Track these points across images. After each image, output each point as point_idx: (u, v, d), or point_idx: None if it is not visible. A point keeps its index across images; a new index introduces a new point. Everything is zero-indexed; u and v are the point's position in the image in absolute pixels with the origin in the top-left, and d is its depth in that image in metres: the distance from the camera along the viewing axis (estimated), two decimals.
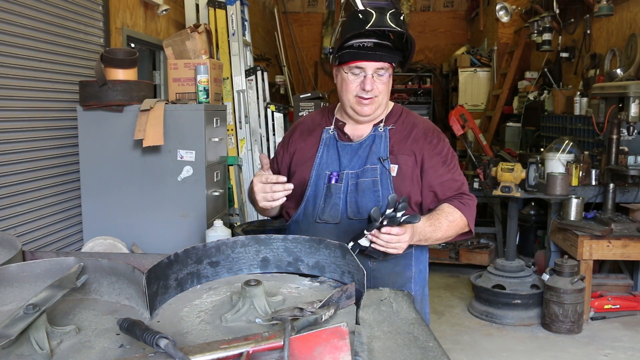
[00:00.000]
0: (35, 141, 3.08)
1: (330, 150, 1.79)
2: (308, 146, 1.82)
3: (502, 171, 4.20)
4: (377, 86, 1.69)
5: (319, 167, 1.77)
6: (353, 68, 1.68)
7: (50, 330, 0.98)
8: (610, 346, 3.66)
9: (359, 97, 1.70)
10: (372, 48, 1.64)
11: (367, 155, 1.74)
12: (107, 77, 3.07)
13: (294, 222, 1.82)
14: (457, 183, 1.79)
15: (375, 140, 1.76)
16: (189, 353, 0.84)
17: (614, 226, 3.92)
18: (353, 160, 1.75)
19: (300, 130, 1.89)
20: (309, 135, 1.85)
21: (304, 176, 1.78)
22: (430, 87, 9.92)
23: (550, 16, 5.83)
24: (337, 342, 0.85)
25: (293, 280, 1.26)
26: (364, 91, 1.69)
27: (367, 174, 1.73)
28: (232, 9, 4.78)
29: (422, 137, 1.78)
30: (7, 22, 2.80)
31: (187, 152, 3.14)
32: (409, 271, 1.81)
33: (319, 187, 1.76)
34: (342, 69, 1.70)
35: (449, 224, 1.71)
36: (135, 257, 1.44)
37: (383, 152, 1.74)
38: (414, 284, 1.82)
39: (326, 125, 1.83)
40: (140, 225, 3.18)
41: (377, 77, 1.68)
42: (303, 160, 1.81)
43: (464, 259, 5.26)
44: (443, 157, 1.78)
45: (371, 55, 1.65)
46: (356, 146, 1.77)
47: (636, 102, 3.81)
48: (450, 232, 1.72)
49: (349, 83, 1.70)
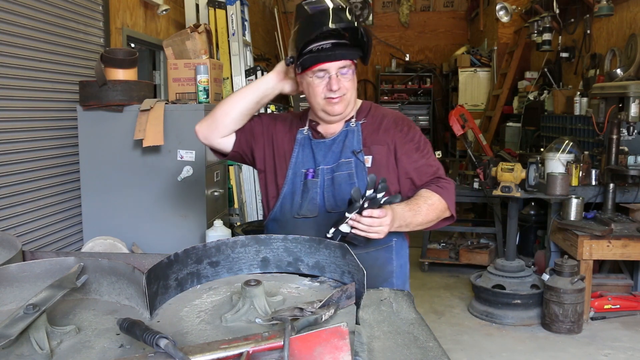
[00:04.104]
0: (35, 141, 3.08)
1: (305, 149, 1.82)
2: (285, 141, 1.85)
3: (502, 171, 4.20)
4: (343, 84, 1.71)
5: (295, 166, 1.81)
6: (317, 71, 1.70)
7: (50, 330, 0.98)
8: (610, 346, 3.66)
9: (328, 98, 1.72)
10: (331, 49, 1.65)
11: (341, 150, 1.78)
12: (107, 77, 3.07)
13: (272, 220, 1.84)
14: (432, 168, 1.81)
15: (348, 135, 1.80)
16: (189, 353, 0.84)
17: (614, 226, 3.92)
18: (327, 156, 1.79)
19: (282, 122, 1.91)
20: (287, 131, 1.87)
21: (280, 175, 1.82)
22: (430, 87, 9.92)
23: (550, 16, 5.83)
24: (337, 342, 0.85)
25: (293, 280, 1.26)
26: (331, 91, 1.71)
27: (342, 167, 1.76)
28: (232, 9, 4.78)
29: (392, 126, 1.82)
30: (7, 22, 2.80)
31: (187, 152, 3.13)
32: (390, 265, 1.84)
33: (295, 184, 1.79)
34: (306, 74, 1.72)
35: (429, 207, 1.73)
36: (135, 257, 1.44)
37: (356, 145, 1.78)
38: (396, 278, 1.85)
39: (301, 127, 1.86)
40: (140, 225, 3.18)
41: (341, 75, 1.71)
42: (279, 154, 1.84)
43: (464, 259, 5.26)
44: (416, 143, 1.82)
45: (331, 56, 1.66)
46: (329, 142, 1.80)
47: (636, 102, 3.81)
48: (430, 216, 1.74)
49: (315, 87, 1.72)
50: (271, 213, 1.84)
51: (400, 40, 10.25)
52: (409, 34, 10.24)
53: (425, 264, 5.35)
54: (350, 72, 1.72)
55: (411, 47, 10.24)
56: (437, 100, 10.08)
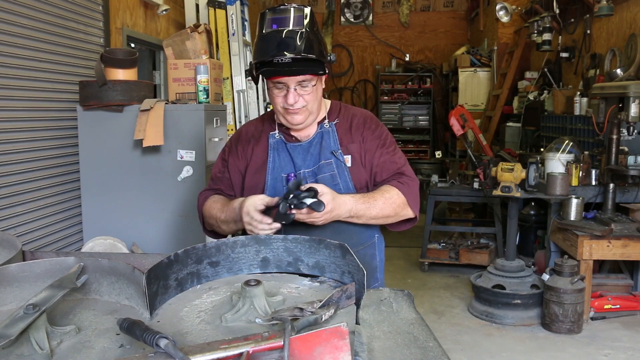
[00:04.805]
0: (35, 141, 3.08)
1: (281, 153, 1.80)
2: (257, 153, 1.83)
3: (502, 171, 4.20)
4: (303, 97, 1.69)
5: (274, 171, 1.78)
6: (276, 83, 1.68)
7: (50, 330, 0.98)
8: (610, 346, 3.66)
9: (286, 108, 1.71)
10: (291, 64, 1.61)
11: (319, 152, 1.77)
12: (107, 77, 3.07)
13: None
14: (395, 165, 1.81)
15: (324, 136, 1.79)
16: (189, 353, 0.84)
17: (614, 226, 3.92)
18: (307, 159, 1.78)
19: (245, 138, 1.88)
20: (256, 142, 1.85)
21: (258, 183, 1.79)
22: (430, 87, 9.91)
23: (550, 16, 5.83)
24: (337, 342, 0.85)
25: (293, 280, 1.26)
26: (289, 104, 1.69)
27: (324, 169, 1.76)
28: (232, 9, 4.79)
29: (362, 124, 1.83)
30: (7, 22, 2.80)
31: (187, 152, 3.13)
32: (374, 261, 1.87)
33: (277, 190, 1.76)
34: (268, 81, 1.71)
35: (385, 201, 1.72)
36: (135, 257, 1.43)
37: (334, 145, 1.78)
38: (379, 272, 1.89)
39: (270, 131, 1.84)
40: (140, 225, 3.18)
41: (301, 88, 1.68)
42: (255, 167, 1.82)
43: (464, 259, 5.26)
44: (382, 140, 1.82)
45: (288, 71, 1.64)
46: (306, 145, 1.79)
47: (636, 102, 3.81)
48: (387, 210, 1.73)
49: (274, 97, 1.72)
50: None
51: (400, 40, 10.25)
52: (409, 34, 10.24)
53: (425, 264, 5.35)
54: (311, 86, 1.69)
55: (411, 47, 10.24)
56: (437, 100, 10.08)
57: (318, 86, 1.73)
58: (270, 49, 1.61)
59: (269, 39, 1.63)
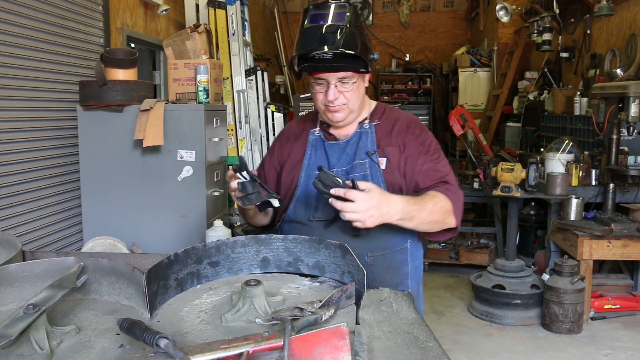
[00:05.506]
0: (35, 141, 3.08)
1: (318, 151, 1.80)
2: (296, 150, 1.84)
3: (502, 171, 4.20)
4: (344, 95, 1.68)
5: (308, 168, 1.78)
6: (317, 79, 1.68)
7: (50, 330, 0.98)
8: (610, 346, 3.66)
9: (327, 105, 1.70)
10: (331, 60, 1.61)
11: (355, 152, 1.76)
12: (107, 77, 3.07)
13: (286, 222, 1.82)
14: (439, 173, 1.76)
15: (362, 136, 1.77)
16: (189, 353, 0.84)
17: (614, 226, 3.92)
18: (341, 158, 1.77)
19: (286, 136, 1.91)
20: (295, 140, 1.86)
21: (293, 179, 1.80)
22: (430, 87, 9.92)
23: (550, 16, 5.83)
24: (337, 342, 0.85)
25: (293, 280, 1.26)
26: (329, 101, 1.69)
27: (357, 169, 1.73)
28: (232, 9, 4.79)
29: (405, 128, 1.79)
30: (7, 22, 2.80)
31: (187, 152, 3.14)
32: (405, 267, 1.81)
33: (309, 187, 1.75)
34: (310, 77, 1.70)
35: (434, 205, 1.66)
36: (135, 257, 1.44)
37: (370, 146, 1.75)
38: (410, 280, 1.82)
39: (312, 128, 1.84)
40: (140, 225, 3.18)
41: (341, 85, 1.67)
42: (293, 164, 1.82)
43: (464, 259, 5.26)
44: (426, 147, 1.78)
45: (328, 67, 1.63)
46: (343, 144, 1.78)
47: (636, 102, 3.81)
48: (435, 215, 1.67)
49: (315, 93, 1.71)
50: (285, 215, 1.81)
51: (400, 40, 10.26)
52: (409, 34, 10.25)
53: (425, 264, 5.34)
54: (352, 83, 1.68)
55: (411, 47, 10.25)
56: (437, 100, 10.08)
57: (360, 84, 1.71)
58: (309, 43, 1.61)
59: (308, 34, 1.62)
